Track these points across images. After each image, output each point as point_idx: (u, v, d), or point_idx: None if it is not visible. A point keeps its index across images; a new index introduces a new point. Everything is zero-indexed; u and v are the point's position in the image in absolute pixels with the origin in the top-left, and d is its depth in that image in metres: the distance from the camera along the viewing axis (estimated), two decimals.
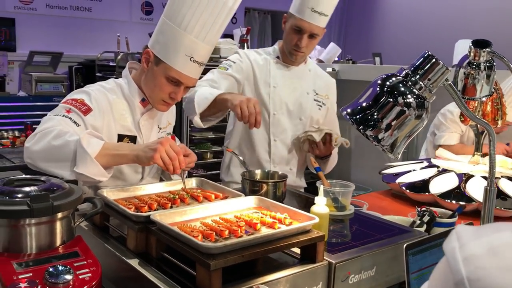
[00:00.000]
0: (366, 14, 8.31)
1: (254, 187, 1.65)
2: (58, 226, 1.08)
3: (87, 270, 1.02)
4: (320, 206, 1.33)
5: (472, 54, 1.93)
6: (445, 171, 2.26)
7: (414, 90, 1.24)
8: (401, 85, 1.24)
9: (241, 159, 1.87)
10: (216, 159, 4.55)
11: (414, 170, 2.35)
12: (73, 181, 1.24)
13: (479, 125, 2.37)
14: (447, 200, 2.06)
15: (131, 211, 1.26)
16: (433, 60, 1.24)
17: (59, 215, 1.07)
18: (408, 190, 2.20)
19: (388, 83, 1.25)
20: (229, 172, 2.26)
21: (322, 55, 6.04)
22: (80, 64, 5.65)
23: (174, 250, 1.15)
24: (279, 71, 2.20)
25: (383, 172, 2.47)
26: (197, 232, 1.12)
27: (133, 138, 1.69)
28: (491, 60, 1.95)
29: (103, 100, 1.63)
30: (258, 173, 1.77)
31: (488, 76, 1.95)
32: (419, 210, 1.64)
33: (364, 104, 1.25)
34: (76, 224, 1.16)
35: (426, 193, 2.15)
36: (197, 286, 1.06)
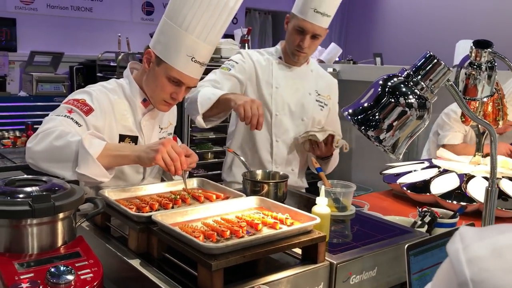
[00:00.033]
0: (367, 14, 8.31)
1: (255, 188, 1.65)
2: (60, 227, 1.08)
3: (89, 271, 1.02)
4: (322, 207, 1.32)
5: (474, 55, 1.93)
6: (446, 172, 2.26)
7: (416, 91, 1.24)
8: (403, 86, 1.24)
9: (242, 160, 1.87)
10: (217, 159, 4.56)
11: (415, 171, 2.35)
12: (75, 182, 1.24)
13: (480, 126, 2.37)
14: (448, 201, 2.06)
15: (133, 212, 1.26)
16: (435, 61, 1.24)
17: (61, 216, 1.07)
18: (409, 191, 2.20)
19: (390, 84, 1.25)
20: (231, 173, 2.26)
21: (323, 56, 6.04)
22: (81, 64, 5.65)
23: (176, 251, 1.15)
24: (282, 72, 2.19)
25: (384, 173, 2.47)
26: (199, 233, 1.12)
27: (135, 139, 1.69)
28: (492, 61, 1.94)
29: (105, 100, 1.63)
30: (259, 174, 1.77)
31: (490, 77, 1.95)
32: (420, 211, 1.64)
33: (366, 105, 1.25)
34: (78, 225, 1.16)
35: (427, 194, 2.14)
36: (199, 287, 1.06)
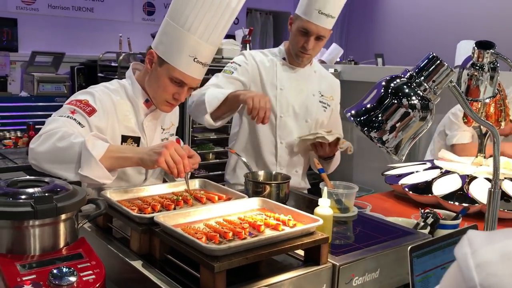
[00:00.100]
0: (368, 15, 8.31)
1: (257, 189, 1.64)
2: (62, 228, 1.08)
3: (91, 272, 1.02)
4: (324, 208, 1.32)
5: (476, 56, 1.93)
6: (448, 173, 2.25)
7: (419, 92, 1.24)
8: (406, 87, 1.24)
9: (244, 161, 1.87)
10: (218, 160, 4.56)
11: (417, 172, 2.34)
12: (77, 183, 1.24)
13: (482, 127, 2.37)
14: (450, 202, 2.05)
15: (135, 213, 1.26)
16: (438, 62, 1.24)
17: (63, 217, 1.07)
18: (411, 192, 2.19)
19: (393, 85, 1.25)
20: (235, 174, 2.24)
21: (324, 56, 6.03)
22: (82, 65, 5.65)
23: (178, 252, 1.14)
24: (286, 73, 2.18)
25: (386, 174, 2.46)
26: (201, 234, 1.12)
27: (137, 139, 1.69)
28: (495, 62, 1.94)
29: (107, 101, 1.63)
30: (261, 175, 1.76)
31: (492, 78, 1.94)
32: (423, 212, 1.64)
33: (369, 106, 1.25)
34: (80, 226, 1.16)
35: (429, 195, 2.13)
36: None
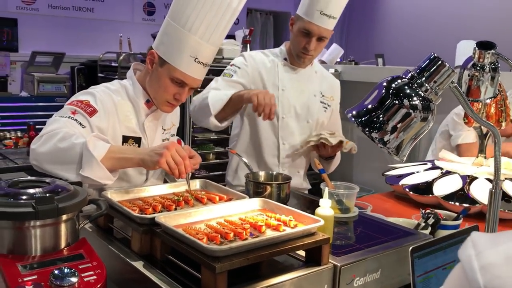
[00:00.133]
0: (368, 15, 8.31)
1: (258, 189, 1.64)
2: (63, 228, 1.08)
3: (92, 273, 1.01)
4: (325, 209, 1.32)
5: (477, 56, 1.93)
6: (449, 173, 2.25)
7: (420, 93, 1.24)
8: (407, 87, 1.24)
9: (245, 161, 1.87)
10: (219, 160, 4.56)
11: (418, 172, 2.34)
12: (78, 183, 1.24)
13: (483, 127, 2.36)
14: (451, 202, 2.05)
15: (136, 213, 1.26)
16: (439, 62, 1.24)
17: (64, 217, 1.07)
18: (412, 192, 2.19)
19: (394, 85, 1.25)
20: (237, 176, 2.24)
21: (325, 56, 6.03)
22: (82, 65, 5.65)
23: (179, 253, 1.14)
24: (287, 74, 2.18)
25: (386, 174, 2.46)
26: (202, 235, 1.12)
27: (138, 140, 1.69)
28: (496, 62, 1.94)
29: (108, 102, 1.63)
30: (262, 175, 1.76)
31: (493, 78, 1.94)
32: (424, 213, 1.63)
33: (370, 106, 1.25)
34: (81, 226, 1.16)
35: (430, 195, 2.13)
36: None
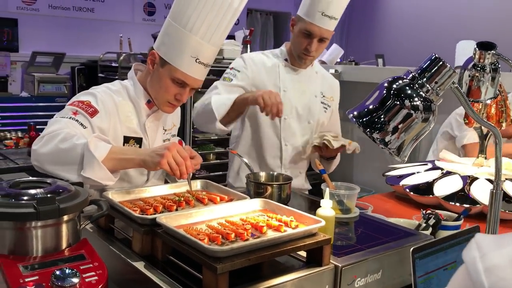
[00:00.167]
0: (368, 15, 8.31)
1: (259, 190, 1.64)
2: (64, 229, 1.08)
3: (94, 273, 1.01)
4: (326, 209, 1.32)
5: (477, 56, 1.93)
6: (449, 173, 2.25)
7: (421, 93, 1.24)
8: (408, 88, 1.24)
9: (246, 162, 1.86)
10: (219, 161, 4.56)
11: (418, 172, 2.34)
12: (79, 184, 1.24)
13: (483, 128, 2.36)
14: (451, 203, 2.05)
15: (137, 214, 1.26)
16: (440, 63, 1.24)
17: (65, 218, 1.07)
18: (412, 192, 2.19)
19: (395, 86, 1.25)
20: (239, 178, 2.23)
21: (325, 57, 6.03)
22: (83, 65, 5.65)
23: (180, 253, 1.14)
24: (288, 75, 2.18)
25: (387, 174, 2.46)
26: (203, 235, 1.12)
27: (139, 140, 1.69)
28: (496, 63, 1.94)
29: (109, 102, 1.63)
30: (263, 175, 1.76)
31: (493, 79, 1.95)
32: (425, 213, 1.63)
33: (371, 107, 1.25)
34: (82, 227, 1.16)
35: (430, 196, 2.13)
36: None
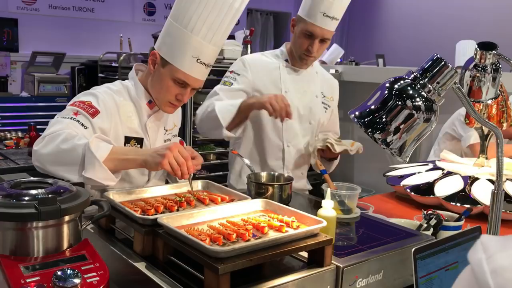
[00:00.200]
0: (369, 15, 8.31)
1: (260, 190, 1.64)
2: (66, 229, 1.07)
3: (95, 274, 1.01)
4: (328, 210, 1.32)
5: (478, 57, 1.93)
6: (450, 174, 2.25)
7: (423, 93, 1.23)
8: (410, 88, 1.24)
9: (247, 162, 1.86)
10: (219, 161, 4.56)
11: (419, 173, 2.34)
12: (80, 184, 1.23)
13: (484, 128, 2.36)
14: (452, 203, 2.05)
15: (138, 214, 1.26)
16: (442, 63, 1.24)
17: (67, 218, 1.06)
18: (413, 193, 2.19)
19: (397, 86, 1.25)
20: (241, 180, 2.21)
21: (325, 57, 6.03)
22: (83, 65, 5.65)
23: (181, 253, 1.14)
24: (289, 76, 2.17)
25: (388, 175, 2.46)
26: (205, 236, 1.12)
27: (140, 140, 1.69)
28: (497, 63, 1.94)
29: (110, 102, 1.63)
30: (264, 176, 1.76)
31: (494, 79, 1.95)
32: (426, 213, 1.63)
33: (373, 107, 1.25)
34: (83, 227, 1.15)
35: (431, 196, 2.13)
36: None
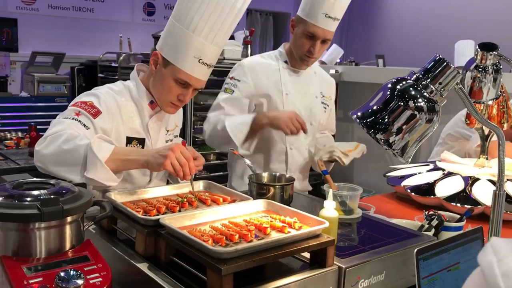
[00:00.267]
0: (368, 15, 8.31)
1: (261, 190, 1.63)
2: (68, 230, 1.07)
3: (98, 275, 1.01)
4: (329, 210, 1.32)
5: (479, 57, 1.93)
6: (451, 174, 2.25)
7: (425, 94, 1.23)
8: (412, 89, 1.24)
9: (248, 163, 1.86)
10: (220, 161, 4.55)
11: (420, 173, 2.34)
12: (82, 185, 1.23)
13: (485, 128, 2.36)
14: (453, 203, 2.05)
15: (140, 215, 1.25)
16: (444, 64, 1.24)
17: (69, 219, 1.06)
18: (414, 193, 2.19)
19: (399, 87, 1.25)
20: (243, 182, 2.21)
21: (325, 57, 6.03)
22: (82, 65, 5.65)
23: (183, 254, 1.14)
24: (290, 77, 2.17)
25: (388, 175, 2.46)
26: (207, 237, 1.12)
27: (142, 141, 1.69)
28: (498, 63, 1.94)
29: (112, 103, 1.63)
30: (265, 176, 1.75)
31: (495, 79, 1.95)
32: (427, 214, 1.63)
33: (375, 108, 1.25)
34: (85, 228, 1.15)
35: (432, 196, 2.13)
36: None
